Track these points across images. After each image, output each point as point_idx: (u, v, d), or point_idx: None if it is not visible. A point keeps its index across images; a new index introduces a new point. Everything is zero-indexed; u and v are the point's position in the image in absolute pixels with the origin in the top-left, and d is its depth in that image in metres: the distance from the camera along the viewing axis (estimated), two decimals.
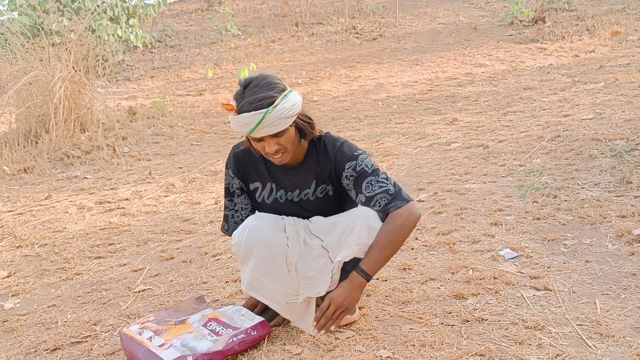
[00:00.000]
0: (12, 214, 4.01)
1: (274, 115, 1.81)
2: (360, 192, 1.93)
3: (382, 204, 1.91)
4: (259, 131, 1.82)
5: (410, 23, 12.13)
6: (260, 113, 1.80)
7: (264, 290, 2.00)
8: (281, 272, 1.99)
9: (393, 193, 1.91)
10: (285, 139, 1.89)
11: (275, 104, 1.82)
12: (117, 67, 9.92)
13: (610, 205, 2.91)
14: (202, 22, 13.77)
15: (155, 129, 6.17)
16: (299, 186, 2.05)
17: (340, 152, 1.98)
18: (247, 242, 1.97)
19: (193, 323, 2.01)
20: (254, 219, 2.02)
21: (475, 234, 2.81)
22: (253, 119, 1.81)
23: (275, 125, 1.83)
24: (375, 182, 1.92)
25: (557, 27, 9.81)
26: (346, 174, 1.96)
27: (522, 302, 2.14)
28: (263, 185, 2.10)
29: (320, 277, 1.97)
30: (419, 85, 7.39)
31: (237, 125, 1.85)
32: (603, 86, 5.75)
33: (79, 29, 6.12)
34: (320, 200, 2.07)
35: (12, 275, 2.97)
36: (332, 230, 1.99)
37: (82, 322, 2.36)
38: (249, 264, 1.99)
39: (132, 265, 2.96)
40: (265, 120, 1.80)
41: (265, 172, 2.08)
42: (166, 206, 3.91)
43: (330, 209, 2.09)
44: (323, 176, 2.03)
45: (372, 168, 1.95)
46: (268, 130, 1.83)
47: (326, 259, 1.98)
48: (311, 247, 2.01)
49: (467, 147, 4.41)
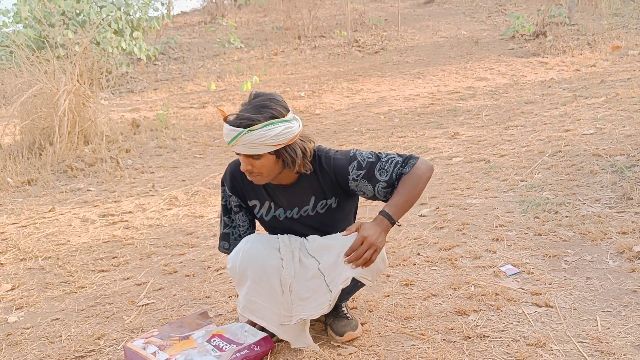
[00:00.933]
0: (16, 226, 4.03)
1: (248, 138, 1.81)
2: (378, 181, 1.93)
3: (400, 172, 1.93)
4: (234, 147, 1.85)
5: (412, 36, 12.22)
6: (235, 131, 1.82)
7: (259, 311, 2.01)
8: (276, 293, 1.99)
9: (402, 160, 1.94)
10: (260, 164, 1.88)
11: (252, 129, 1.81)
12: (121, 79, 10.00)
13: (611, 222, 2.93)
14: (205, 34, 13.88)
15: (158, 142, 6.21)
16: (297, 204, 2.06)
17: (335, 160, 1.98)
18: (242, 265, 1.98)
19: (197, 339, 2.02)
20: (247, 241, 2.03)
21: (477, 249, 2.82)
22: (230, 134, 1.83)
23: (249, 148, 1.83)
24: (385, 162, 1.94)
25: (558, 41, 9.88)
26: (352, 176, 1.96)
27: (523, 319, 2.15)
28: (261, 203, 2.10)
29: (314, 299, 1.97)
30: (421, 98, 7.43)
31: (224, 133, 1.88)
32: (604, 101, 5.79)
33: (84, 42, 6.18)
34: (321, 215, 2.07)
35: (16, 288, 2.99)
36: (328, 252, 1.99)
37: (85, 336, 2.37)
38: (244, 287, 2.00)
39: (136, 278, 2.97)
40: (238, 139, 1.82)
41: (263, 190, 2.08)
42: (169, 219, 3.93)
43: (334, 221, 2.10)
44: (324, 191, 2.03)
45: (373, 156, 1.96)
46: (241, 150, 1.85)
47: (321, 282, 1.97)
48: (307, 267, 2.01)
49: (468, 162, 4.43)
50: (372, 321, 2.24)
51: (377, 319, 2.25)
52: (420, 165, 1.92)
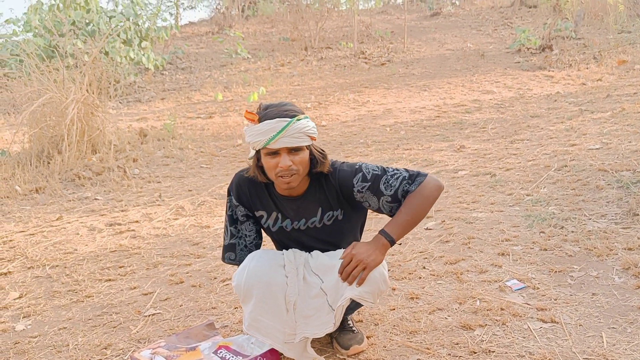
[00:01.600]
0: (23, 234, 4.06)
1: (296, 127, 1.85)
2: (382, 194, 1.94)
3: (407, 190, 1.93)
4: (278, 141, 1.84)
5: (419, 49, 12.27)
6: (284, 121, 1.84)
7: (264, 329, 2.00)
8: (281, 311, 1.99)
9: (409, 176, 1.94)
10: (300, 159, 1.90)
11: (298, 118, 1.87)
12: (129, 89, 10.09)
13: (616, 238, 2.93)
14: (212, 44, 13.98)
15: (165, 151, 6.25)
16: (305, 216, 2.06)
17: (341, 172, 2.00)
18: (247, 283, 1.98)
19: (204, 350, 2.04)
20: (253, 259, 2.03)
21: (483, 264, 2.83)
22: (275, 126, 1.84)
23: (295, 138, 1.85)
24: (391, 177, 1.94)
25: (564, 55, 9.91)
26: (357, 188, 1.96)
27: (529, 335, 2.15)
28: (268, 214, 2.11)
29: (317, 317, 1.97)
30: (427, 111, 7.46)
31: (256, 134, 1.86)
32: (610, 115, 5.80)
33: (94, 52, 6.25)
34: (328, 227, 2.08)
35: (23, 297, 3.01)
36: (330, 271, 1.99)
37: (92, 346, 2.39)
38: (249, 305, 2.00)
39: (142, 288, 2.99)
40: (288, 129, 1.84)
41: (270, 202, 2.09)
42: (176, 229, 3.95)
43: (341, 234, 2.11)
44: (330, 203, 2.04)
45: (379, 169, 1.97)
46: (287, 142, 1.85)
47: (324, 301, 1.97)
48: (310, 285, 2.01)
49: (474, 175, 4.44)
50: (377, 335, 2.24)
51: (383, 333, 2.26)
52: (428, 184, 1.92)
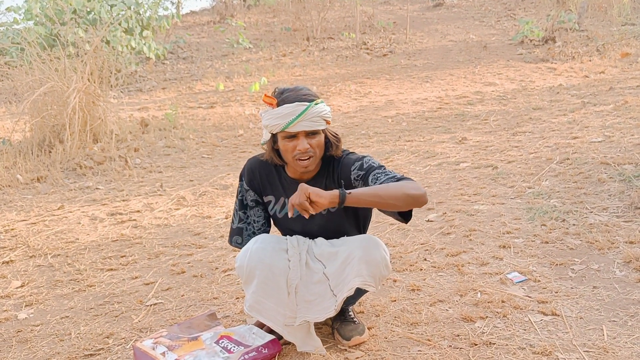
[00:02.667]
0: (25, 223, 4.07)
1: (314, 111, 1.90)
2: (367, 185, 1.94)
3: None
4: (297, 125, 1.89)
5: (421, 40, 12.22)
6: (303, 105, 1.89)
7: (265, 312, 2.02)
8: (282, 293, 2.01)
9: (399, 177, 1.89)
10: (317, 142, 1.95)
11: (317, 102, 1.92)
12: (130, 78, 10.06)
13: (618, 231, 2.93)
14: (214, 34, 13.93)
15: (166, 141, 6.25)
16: None
17: (346, 158, 2.04)
18: (250, 265, 2.00)
19: (205, 340, 2.05)
20: (256, 241, 2.05)
21: (484, 256, 2.83)
22: (295, 110, 1.88)
23: (313, 121, 1.91)
24: (382, 173, 1.94)
25: (567, 47, 9.87)
26: (354, 175, 1.99)
27: (529, 327, 2.16)
28: (276, 199, 2.15)
29: (318, 303, 2.00)
30: (429, 102, 7.44)
31: (275, 117, 1.90)
32: (612, 108, 5.78)
33: (95, 41, 6.22)
34: (331, 215, 2.10)
35: (25, 285, 3.02)
36: (333, 258, 2.02)
37: (95, 335, 2.40)
38: (251, 286, 2.02)
39: (144, 278, 3.00)
40: (307, 112, 1.88)
41: (279, 186, 2.13)
42: (177, 219, 3.96)
43: (343, 223, 2.12)
44: (332, 188, 2.04)
45: (378, 164, 1.99)
46: (305, 125, 1.90)
47: (326, 286, 2.00)
48: (313, 270, 2.04)
49: (476, 167, 4.44)
50: (379, 326, 2.25)
51: (384, 324, 2.27)
52: (412, 183, 1.84)
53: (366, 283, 1.95)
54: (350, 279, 1.94)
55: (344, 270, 1.97)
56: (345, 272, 1.96)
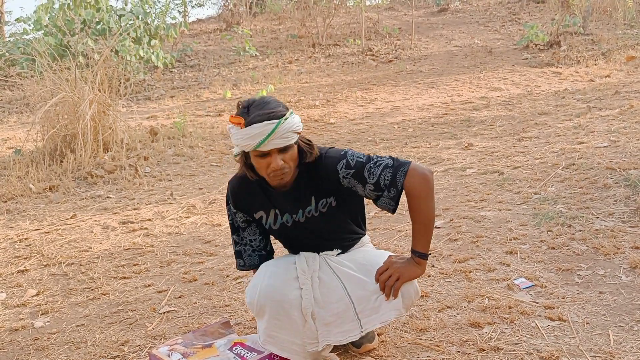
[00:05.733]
0: (39, 232, 4.14)
1: (284, 127, 1.83)
2: (366, 182, 1.93)
3: (389, 180, 1.91)
4: (268, 143, 1.83)
5: (426, 45, 12.27)
6: (272, 123, 1.82)
7: (280, 344, 2.01)
8: (296, 325, 1.98)
9: (392, 164, 1.92)
10: (290, 156, 1.90)
11: (286, 117, 1.86)
12: (138, 87, 10.16)
13: (624, 236, 2.97)
14: (220, 42, 14.03)
15: (175, 150, 6.32)
16: (301, 206, 2.05)
17: (327, 158, 1.98)
18: (259, 303, 1.98)
19: (219, 347, 2.10)
20: (265, 275, 2.01)
21: (491, 262, 2.87)
22: (264, 130, 1.81)
23: (284, 138, 1.85)
24: (374, 165, 1.93)
25: (572, 51, 9.89)
26: (342, 174, 1.95)
27: (536, 332, 2.20)
28: (267, 213, 2.10)
29: (338, 324, 1.97)
30: (435, 108, 7.49)
31: (245, 138, 1.84)
32: (618, 113, 5.81)
33: (105, 52, 6.32)
34: (326, 216, 2.06)
35: (40, 294, 3.09)
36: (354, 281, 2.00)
37: (110, 342, 2.46)
38: (263, 321, 2.01)
39: (157, 286, 3.05)
40: (277, 131, 1.82)
41: (266, 199, 2.08)
42: (188, 227, 4.02)
43: (338, 222, 2.10)
44: (321, 190, 2.02)
45: (364, 157, 1.96)
46: (277, 143, 1.84)
47: (348, 308, 1.97)
48: (329, 288, 2.00)
49: (482, 173, 4.48)
50: (388, 332, 2.30)
51: (393, 330, 2.31)
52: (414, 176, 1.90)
53: (400, 315, 1.99)
54: (384, 312, 1.95)
55: (376, 300, 1.96)
56: (377, 302, 1.96)
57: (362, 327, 1.96)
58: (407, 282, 1.97)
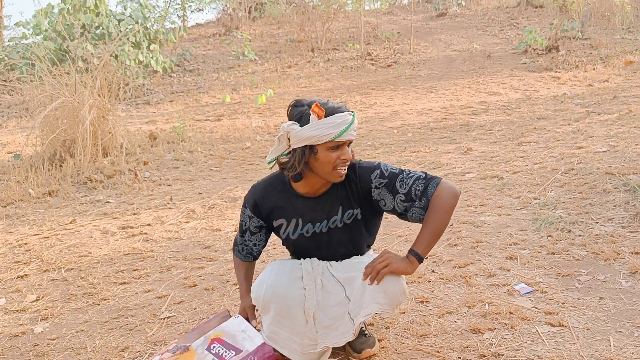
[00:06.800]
0: (38, 237, 4.13)
1: (355, 121, 1.95)
2: (397, 192, 1.99)
3: (421, 190, 1.97)
4: (347, 133, 1.91)
5: (425, 50, 12.30)
6: (351, 114, 1.93)
7: (282, 341, 2.05)
8: (299, 323, 2.03)
9: (425, 177, 2.00)
10: (351, 150, 2.01)
11: (354, 112, 1.98)
12: (138, 91, 10.17)
13: (624, 242, 2.97)
14: (220, 46, 14.05)
15: (175, 154, 6.32)
16: (327, 215, 2.08)
17: (361, 168, 2.05)
18: (265, 298, 2.02)
19: (197, 348, 2.06)
20: (271, 272, 2.06)
21: (491, 267, 2.87)
22: (346, 119, 1.90)
23: (354, 131, 1.96)
24: (406, 176, 2.00)
25: (571, 55, 9.91)
26: (375, 183, 2.01)
27: (537, 338, 2.20)
28: (288, 221, 2.13)
29: (336, 327, 2.02)
30: (434, 113, 7.50)
31: (327, 127, 1.89)
32: (617, 117, 5.82)
33: (105, 56, 6.32)
34: (349, 227, 2.10)
35: (40, 299, 3.08)
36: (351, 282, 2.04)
37: (110, 348, 2.45)
38: (267, 317, 2.06)
39: (156, 291, 3.05)
40: (354, 122, 1.93)
41: (290, 207, 2.10)
42: (187, 232, 4.01)
43: (360, 236, 2.14)
44: (350, 200, 2.07)
45: (397, 169, 2.03)
46: (351, 135, 1.94)
47: (344, 311, 2.02)
48: (331, 292, 2.05)
49: (482, 178, 4.48)
50: (389, 338, 2.30)
51: (394, 336, 2.31)
52: (444, 193, 1.95)
53: (384, 311, 1.98)
54: (367, 304, 1.96)
55: (363, 294, 1.98)
56: (364, 297, 1.98)
57: (353, 323, 2.00)
58: (394, 277, 1.97)
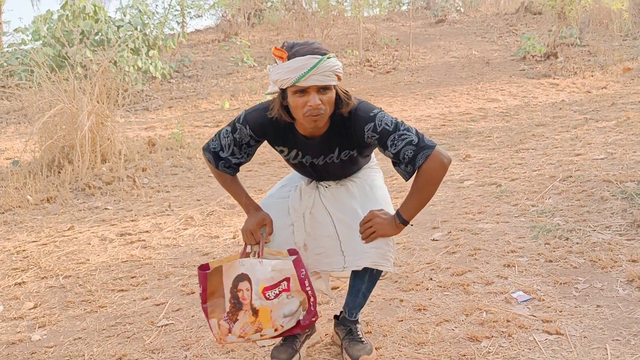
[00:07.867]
0: (36, 244, 4.13)
1: (326, 65, 1.84)
2: (387, 149, 1.99)
3: (409, 157, 1.96)
4: (309, 78, 1.82)
5: (424, 56, 12.33)
6: (315, 58, 1.83)
7: None
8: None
9: (417, 143, 1.95)
10: (328, 98, 1.89)
11: (329, 55, 1.88)
12: (136, 97, 10.18)
13: (621, 249, 2.98)
14: (219, 52, 14.08)
15: (174, 161, 6.33)
16: (323, 153, 2.10)
17: (357, 116, 1.98)
18: None
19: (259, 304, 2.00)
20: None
21: (489, 275, 2.88)
22: (307, 63, 1.82)
23: (325, 76, 1.85)
24: (398, 137, 1.95)
25: (569, 62, 9.95)
26: (367, 135, 1.99)
27: (534, 346, 2.20)
28: (289, 149, 2.13)
29: (328, 255, 2.12)
30: (433, 119, 7.51)
31: (285, 72, 1.84)
32: (615, 124, 5.84)
33: (104, 62, 6.34)
34: (345, 162, 2.15)
35: (37, 307, 3.08)
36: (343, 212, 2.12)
37: (108, 356, 2.45)
38: None
39: (154, 299, 3.05)
40: (319, 66, 1.82)
41: (292, 139, 2.09)
42: (185, 239, 4.01)
43: (356, 165, 2.22)
44: (347, 144, 2.06)
45: (392, 125, 1.97)
46: (317, 80, 1.84)
47: (335, 244, 2.11)
48: (321, 223, 2.13)
49: (480, 185, 4.49)
50: (386, 346, 2.30)
51: (391, 344, 2.31)
52: (433, 163, 1.95)
53: (377, 265, 2.05)
54: (363, 258, 2.04)
55: (358, 245, 2.06)
56: (360, 248, 2.05)
57: (345, 263, 2.09)
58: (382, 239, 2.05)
